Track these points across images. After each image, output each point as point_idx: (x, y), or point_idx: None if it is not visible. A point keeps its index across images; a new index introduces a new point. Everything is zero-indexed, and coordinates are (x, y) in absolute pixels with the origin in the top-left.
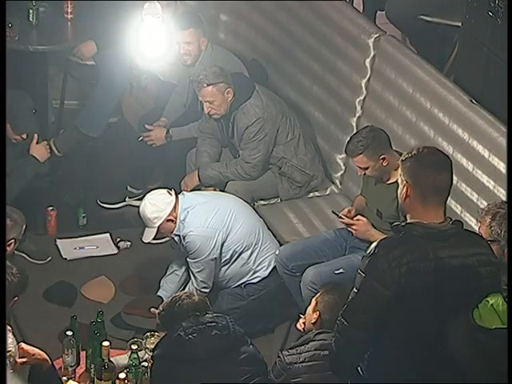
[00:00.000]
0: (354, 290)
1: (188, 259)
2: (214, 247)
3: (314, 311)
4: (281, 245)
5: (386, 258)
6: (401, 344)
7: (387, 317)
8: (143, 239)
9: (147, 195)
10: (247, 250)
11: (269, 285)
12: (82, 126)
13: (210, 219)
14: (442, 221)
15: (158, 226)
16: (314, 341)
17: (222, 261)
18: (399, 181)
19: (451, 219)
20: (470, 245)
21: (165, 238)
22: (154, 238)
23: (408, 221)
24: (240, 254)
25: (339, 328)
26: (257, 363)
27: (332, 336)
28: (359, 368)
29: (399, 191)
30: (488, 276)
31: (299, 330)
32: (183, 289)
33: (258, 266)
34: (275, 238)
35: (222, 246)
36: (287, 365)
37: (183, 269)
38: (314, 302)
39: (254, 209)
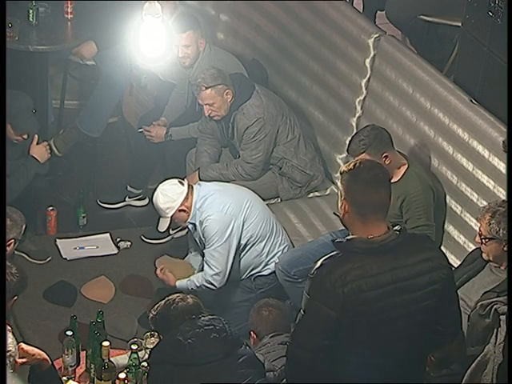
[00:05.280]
0: (301, 311)
1: (205, 249)
2: (231, 232)
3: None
4: None
5: (328, 279)
6: (357, 362)
7: (339, 336)
8: (158, 229)
9: (160, 186)
10: (261, 241)
11: (277, 279)
12: (82, 126)
13: (227, 205)
14: (383, 233)
15: (172, 216)
16: (272, 341)
17: (233, 250)
18: (338, 194)
19: (394, 228)
20: (416, 252)
21: (178, 227)
22: (168, 228)
23: (349, 237)
24: (253, 245)
25: (289, 350)
26: (256, 365)
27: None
28: None
29: (338, 206)
30: (439, 280)
31: None
32: None
33: (270, 258)
34: None
35: (239, 233)
36: (263, 355)
37: (198, 262)
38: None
39: None
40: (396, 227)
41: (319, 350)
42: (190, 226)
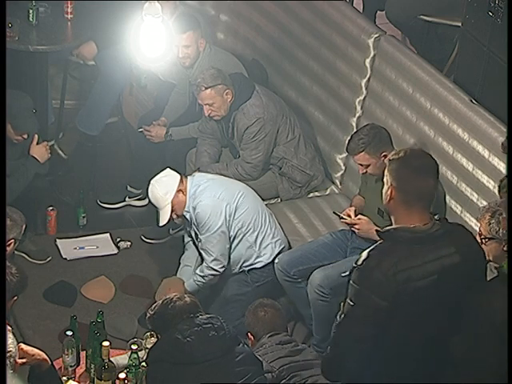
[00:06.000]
0: (349, 302)
1: (200, 236)
2: (224, 218)
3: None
4: None
5: (379, 269)
6: (400, 350)
7: (386, 325)
8: (160, 223)
9: (151, 181)
10: (252, 232)
11: (273, 273)
12: (81, 125)
13: (220, 192)
14: (427, 222)
15: (172, 202)
16: (270, 341)
17: (227, 235)
18: (385, 180)
19: (435, 218)
20: (457, 241)
21: (178, 228)
22: (169, 220)
23: (393, 226)
24: (245, 235)
25: (336, 340)
26: (254, 363)
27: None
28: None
29: (384, 191)
30: (476, 268)
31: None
32: None
33: (262, 250)
34: None
35: (230, 220)
36: (262, 356)
37: (194, 260)
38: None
39: None
40: (436, 216)
41: (368, 340)
42: (188, 216)
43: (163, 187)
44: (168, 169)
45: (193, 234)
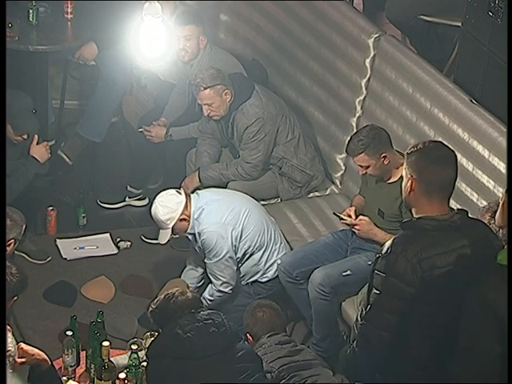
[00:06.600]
0: (375, 291)
1: (206, 261)
2: (230, 243)
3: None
4: None
5: (405, 256)
6: (424, 337)
7: (411, 313)
8: (159, 242)
9: (157, 197)
10: (259, 250)
11: (276, 286)
12: (83, 131)
13: (225, 216)
14: (446, 213)
15: (172, 227)
16: (269, 341)
17: (235, 259)
18: (403, 174)
19: (454, 209)
20: (477, 231)
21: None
22: (169, 240)
23: (416, 216)
24: (252, 254)
25: (363, 331)
26: (254, 360)
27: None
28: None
29: (403, 184)
30: (493, 257)
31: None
32: (201, 285)
33: (268, 267)
34: None
35: (237, 244)
36: (261, 356)
37: (200, 264)
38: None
39: None
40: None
41: (393, 328)
42: (190, 237)
43: (166, 212)
44: (174, 190)
45: (197, 249)
